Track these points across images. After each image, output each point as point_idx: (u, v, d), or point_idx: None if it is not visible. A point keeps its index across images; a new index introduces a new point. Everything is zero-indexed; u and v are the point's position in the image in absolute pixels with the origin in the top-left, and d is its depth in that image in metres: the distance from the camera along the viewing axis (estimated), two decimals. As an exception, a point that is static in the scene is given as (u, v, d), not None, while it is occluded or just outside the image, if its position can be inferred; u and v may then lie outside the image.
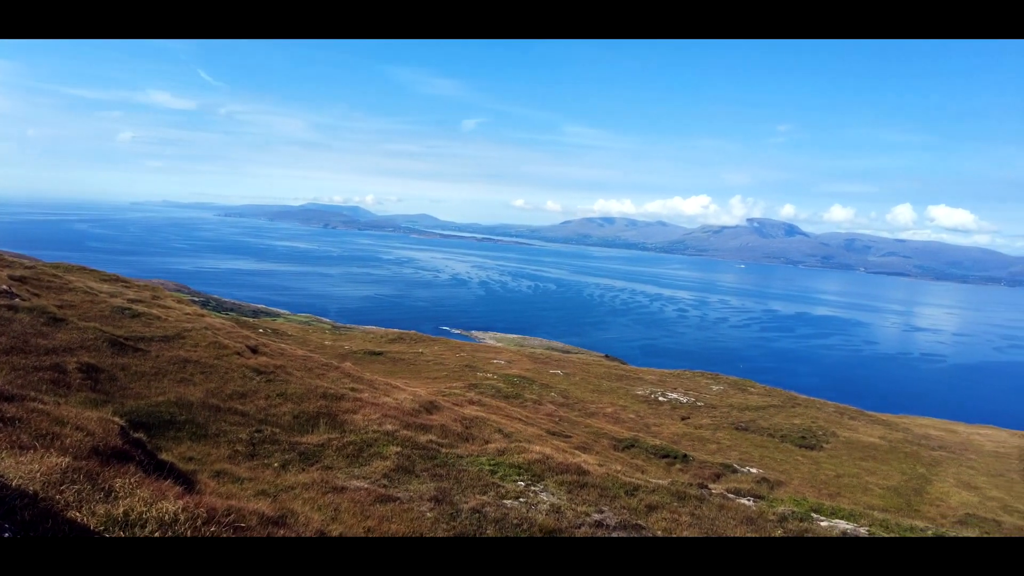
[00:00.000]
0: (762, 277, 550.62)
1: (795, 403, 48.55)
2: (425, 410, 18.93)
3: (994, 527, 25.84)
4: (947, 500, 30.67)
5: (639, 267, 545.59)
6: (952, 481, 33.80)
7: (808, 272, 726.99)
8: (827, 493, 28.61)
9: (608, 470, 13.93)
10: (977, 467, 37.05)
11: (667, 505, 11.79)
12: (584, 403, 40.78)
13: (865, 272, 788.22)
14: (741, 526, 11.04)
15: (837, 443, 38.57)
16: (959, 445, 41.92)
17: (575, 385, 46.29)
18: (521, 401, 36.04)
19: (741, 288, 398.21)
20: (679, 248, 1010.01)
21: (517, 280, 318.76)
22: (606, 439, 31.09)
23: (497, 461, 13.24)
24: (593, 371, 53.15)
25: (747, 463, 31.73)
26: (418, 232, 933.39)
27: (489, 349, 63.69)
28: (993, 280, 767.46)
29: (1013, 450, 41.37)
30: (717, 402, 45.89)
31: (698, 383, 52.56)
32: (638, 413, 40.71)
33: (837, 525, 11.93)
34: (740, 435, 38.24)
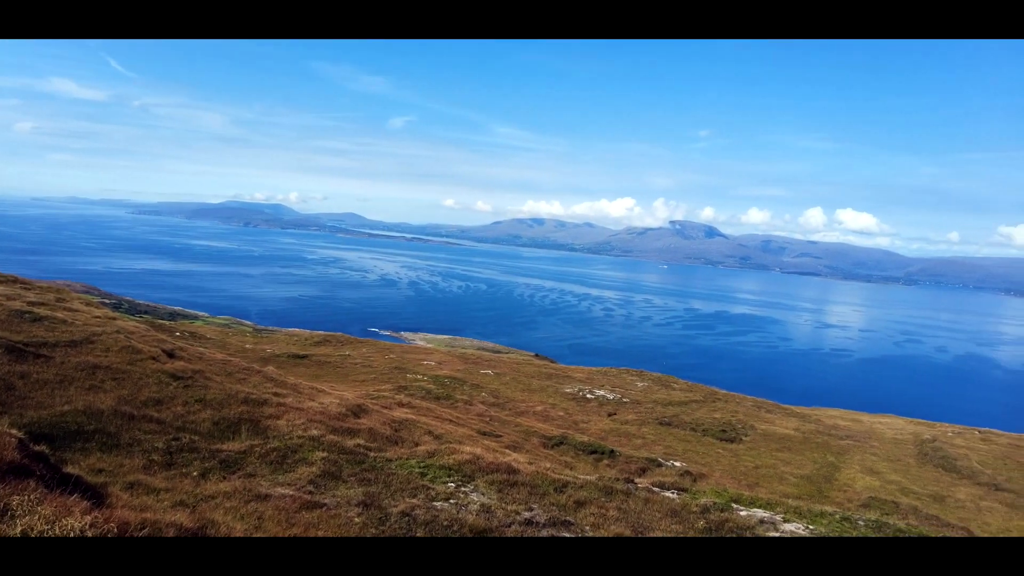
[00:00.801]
0: (684, 277, 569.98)
1: (716, 398, 50.53)
2: (352, 414, 18.57)
3: (893, 508, 27.72)
4: (853, 485, 32.67)
5: (568, 267, 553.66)
6: (857, 468, 36.03)
7: (727, 272, 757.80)
8: (746, 484, 29.93)
9: (538, 468, 14.08)
10: (879, 454, 39.66)
11: (595, 500, 12.03)
12: (514, 402, 41.05)
13: (780, 272, 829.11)
14: (666, 519, 11.39)
15: (755, 436, 40.40)
16: (864, 434, 44.72)
17: (506, 385, 46.52)
18: (452, 402, 35.91)
19: (664, 288, 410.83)
20: (606, 249, 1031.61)
21: (448, 280, 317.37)
22: (536, 437, 31.40)
23: (427, 463, 13.16)
24: (523, 370, 53.57)
25: (671, 457, 32.77)
26: (345, 231, 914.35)
27: (419, 350, 63.14)
28: (893, 279, 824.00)
29: (909, 436, 44.50)
30: (642, 398, 47.17)
31: (624, 380, 53.86)
32: (567, 411, 41.33)
33: (755, 514, 12.49)
34: (664, 430, 39.45)
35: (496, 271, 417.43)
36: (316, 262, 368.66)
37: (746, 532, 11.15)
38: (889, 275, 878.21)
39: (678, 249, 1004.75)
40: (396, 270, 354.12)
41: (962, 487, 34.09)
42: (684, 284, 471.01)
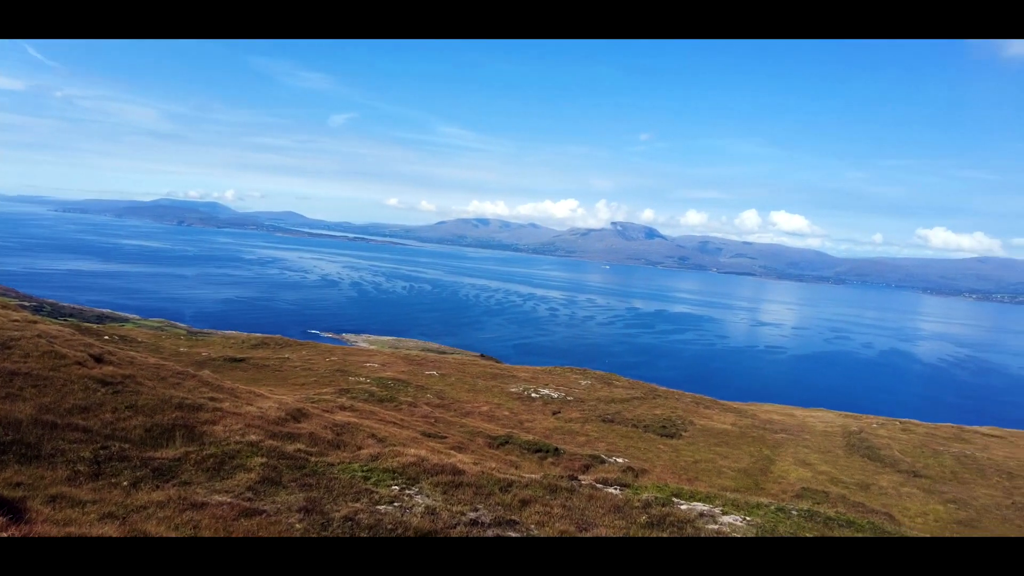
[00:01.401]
0: (625, 277, 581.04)
1: (656, 395, 51.71)
2: (292, 418, 18.15)
3: (823, 497, 29.01)
4: (787, 477, 34.01)
5: (513, 267, 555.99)
6: (791, 460, 37.52)
7: (667, 272, 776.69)
8: (686, 478, 30.76)
9: (483, 468, 14.10)
10: (811, 446, 41.40)
11: (540, 499, 12.13)
12: (460, 403, 40.94)
13: (717, 272, 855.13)
14: (609, 514, 11.60)
15: (694, 431, 41.55)
16: (796, 427, 46.58)
17: (451, 386, 46.35)
18: (396, 404, 35.54)
19: (607, 288, 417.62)
20: (550, 249, 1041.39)
21: (391, 281, 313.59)
22: (481, 437, 31.41)
23: (370, 467, 12.99)
24: (469, 371, 53.48)
25: (614, 453, 33.35)
26: (284, 231, 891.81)
27: (362, 352, 62.16)
28: (823, 279, 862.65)
29: (838, 429, 46.62)
30: (586, 396, 47.81)
31: (568, 379, 54.47)
32: (512, 410, 41.50)
33: (695, 508, 12.85)
34: (607, 427, 40.11)
35: (441, 271, 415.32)
36: (254, 262, 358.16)
37: (687, 525, 11.47)
38: (820, 275, 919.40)
39: (620, 250, 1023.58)
40: (338, 270, 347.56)
41: (885, 475, 35.94)
42: (626, 284, 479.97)
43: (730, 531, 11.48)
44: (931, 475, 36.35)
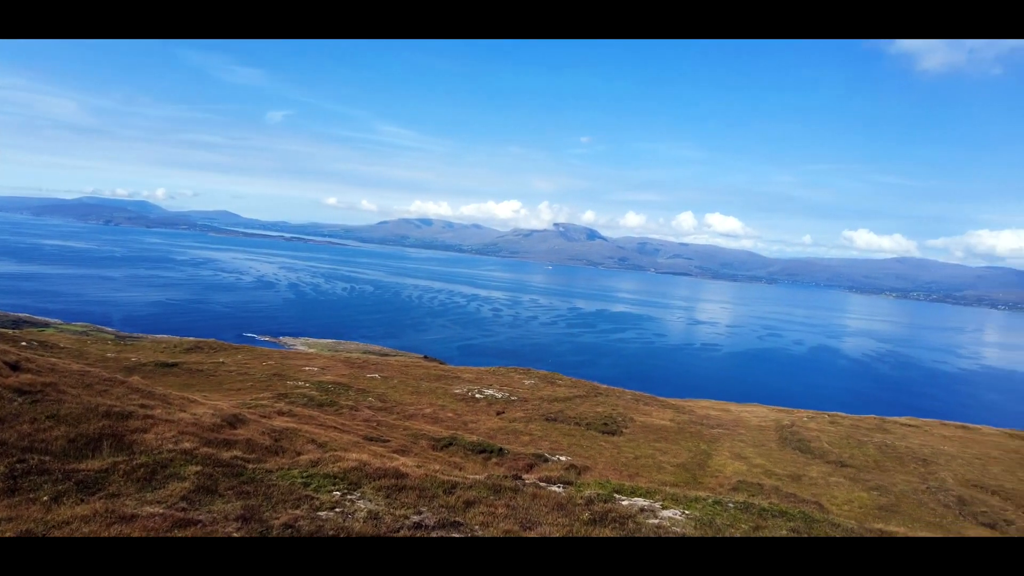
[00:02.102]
0: (568, 277, 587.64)
1: (598, 393, 52.51)
2: (228, 424, 17.59)
3: (758, 489, 30.11)
4: (724, 471, 35.10)
5: (456, 268, 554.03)
6: (727, 454, 38.76)
7: (607, 273, 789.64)
8: (627, 474, 31.35)
9: (427, 471, 14.00)
10: (746, 440, 42.87)
11: (484, 499, 12.15)
12: (403, 406, 40.52)
13: (655, 272, 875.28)
14: (553, 512, 11.71)
15: (635, 427, 42.39)
16: (732, 422, 48.15)
17: (393, 388, 45.81)
18: (336, 408, 34.87)
19: (550, 288, 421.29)
20: (493, 250, 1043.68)
21: (331, 282, 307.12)
22: (425, 440, 31.18)
23: (310, 472, 12.72)
24: (412, 373, 52.99)
25: (557, 451, 33.69)
26: (217, 230, 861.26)
27: (300, 356, 60.67)
28: (756, 279, 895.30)
29: (771, 423, 48.44)
30: (529, 396, 48.12)
31: (512, 379, 54.69)
32: (456, 411, 41.36)
33: (636, 503, 13.12)
34: (550, 425, 40.48)
35: (383, 272, 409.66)
36: (186, 263, 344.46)
37: (628, 521, 11.70)
38: (753, 274, 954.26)
39: (562, 250, 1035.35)
40: (275, 271, 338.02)
41: (815, 466, 37.58)
42: (568, 284, 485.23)
43: (670, 525, 11.78)
44: (856, 464, 38.22)
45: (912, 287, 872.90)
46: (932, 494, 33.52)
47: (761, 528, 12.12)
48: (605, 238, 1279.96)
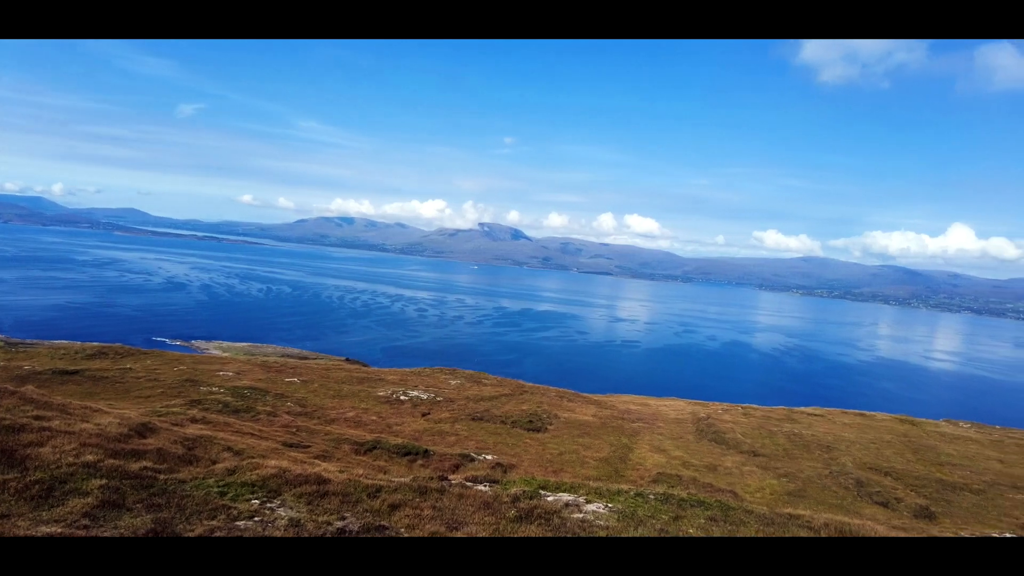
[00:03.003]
0: (493, 277, 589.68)
1: (524, 391, 52.97)
2: (137, 434, 16.61)
3: (677, 480, 31.18)
4: (644, 464, 36.16)
5: (380, 268, 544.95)
6: (647, 447, 39.96)
7: (532, 272, 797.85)
8: (552, 470, 31.79)
9: (350, 475, 13.72)
10: (665, 433, 44.34)
11: (410, 502, 12.02)
12: (324, 410, 39.49)
13: (578, 272, 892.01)
14: (479, 512, 11.73)
15: (559, 424, 43.03)
16: (652, 416, 49.68)
17: (314, 392, 44.57)
18: (253, 414, 33.59)
19: (475, 287, 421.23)
20: (418, 250, 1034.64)
21: (247, 283, 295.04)
22: (348, 444, 30.51)
23: (227, 481, 12.21)
24: (333, 376, 51.71)
25: (483, 451, 33.75)
26: (124, 228, 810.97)
27: (214, 360, 58.04)
28: (672, 277, 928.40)
29: (688, 416, 50.32)
30: (455, 396, 47.96)
31: (438, 379, 54.34)
32: (380, 414, 40.70)
33: (561, 498, 13.33)
34: (476, 425, 40.50)
35: (302, 272, 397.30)
36: (89, 263, 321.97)
37: (553, 516, 11.87)
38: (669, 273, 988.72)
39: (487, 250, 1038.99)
40: (186, 272, 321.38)
41: (729, 456, 39.33)
42: (493, 284, 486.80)
43: (594, 519, 12.04)
44: (767, 453, 40.27)
45: (816, 285, 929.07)
46: (834, 478, 35.75)
47: (681, 518, 12.58)
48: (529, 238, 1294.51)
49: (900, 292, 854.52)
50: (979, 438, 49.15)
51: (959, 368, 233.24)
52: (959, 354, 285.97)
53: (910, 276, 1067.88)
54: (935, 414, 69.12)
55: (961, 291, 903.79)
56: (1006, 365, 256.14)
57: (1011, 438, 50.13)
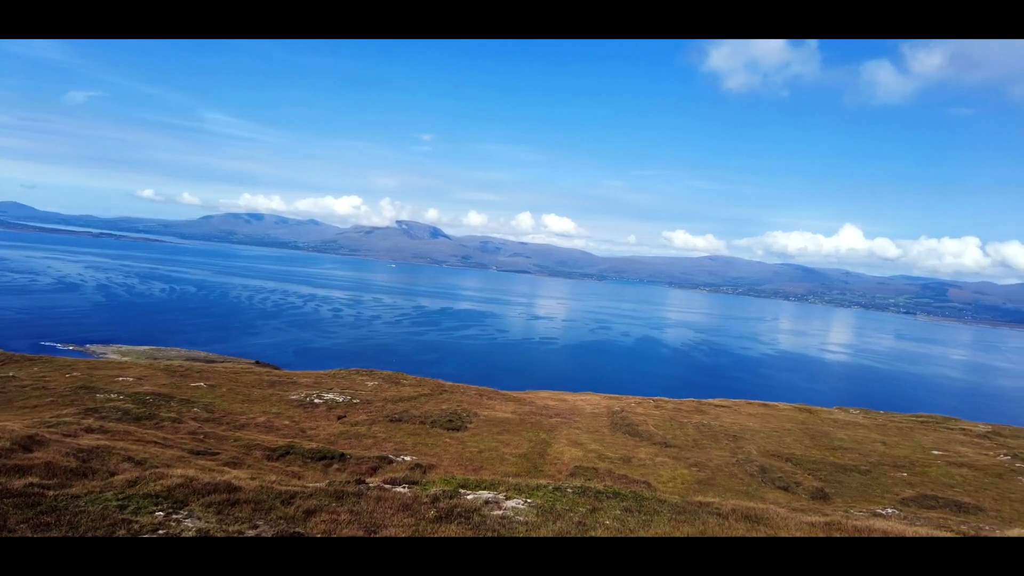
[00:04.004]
0: (411, 276, 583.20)
1: (443, 390, 52.72)
2: (21, 447, 15.36)
3: (593, 473, 31.96)
4: (562, 458, 36.82)
5: (292, 267, 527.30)
6: (565, 442, 40.70)
7: (451, 271, 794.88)
8: (472, 468, 31.83)
9: (262, 482, 13.23)
10: (581, 427, 45.30)
11: (326, 507, 11.73)
12: (233, 415, 37.83)
13: (497, 271, 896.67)
14: (398, 514, 11.60)
15: (479, 422, 43.12)
16: (569, 411, 50.63)
17: (222, 397, 42.61)
18: (156, 422, 31.74)
19: (393, 287, 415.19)
20: (332, 247, 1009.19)
21: (147, 283, 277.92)
22: (259, 450, 29.38)
23: (127, 494, 11.48)
24: (242, 379, 49.61)
25: (402, 452, 33.35)
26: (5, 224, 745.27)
27: (112, 365, 54.36)
28: (588, 276, 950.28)
29: (604, 410, 51.63)
30: (373, 397, 47.12)
31: (354, 381, 53.20)
32: (293, 418, 39.42)
33: (481, 496, 13.37)
34: (395, 426, 39.96)
35: (208, 271, 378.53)
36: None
37: (473, 514, 11.90)
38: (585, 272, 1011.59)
39: (405, 248, 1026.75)
40: (79, 271, 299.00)
41: (643, 448, 40.66)
42: (412, 282, 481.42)
43: (513, 515, 12.16)
44: (678, 444, 41.93)
45: (722, 282, 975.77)
46: (740, 466, 37.67)
47: (597, 510, 12.90)
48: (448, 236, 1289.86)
49: (799, 289, 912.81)
50: (866, 423, 53.13)
51: (850, 359, 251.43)
52: (850, 346, 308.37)
53: (807, 274, 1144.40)
54: (829, 402, 74.11)
55: (852, 288, 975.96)
56: (889, 355, 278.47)
57: (892, 422, 54.49)
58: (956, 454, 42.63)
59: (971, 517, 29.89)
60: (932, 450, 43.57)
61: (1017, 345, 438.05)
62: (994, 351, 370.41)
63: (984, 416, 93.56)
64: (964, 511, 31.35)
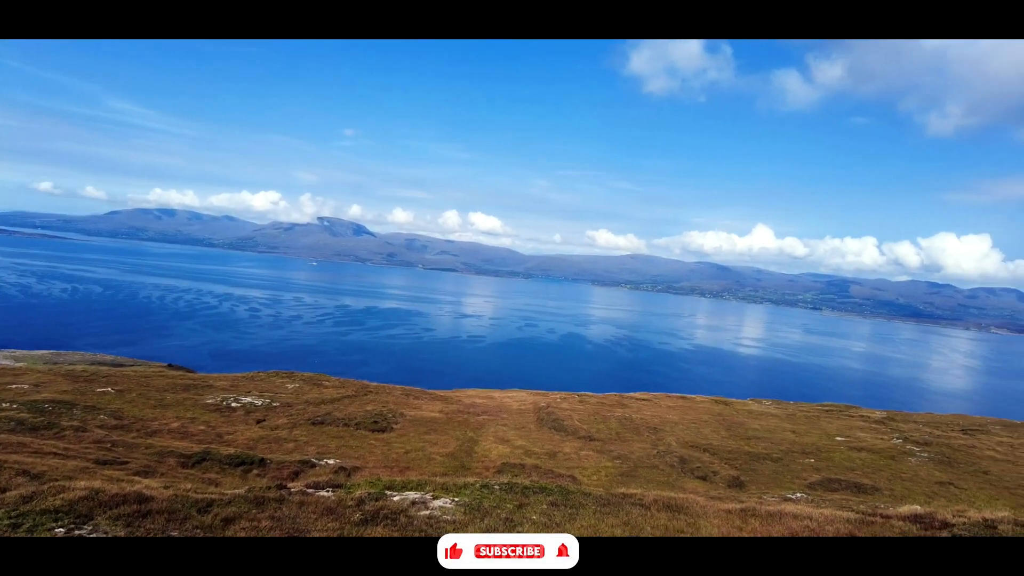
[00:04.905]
0: (334, 274, 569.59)
1: (368, 391, 51.83)
2: (-101, 463, 14.04)
3: (520, 469, 32.26)
4: (489, 455, 36.95)
5: (207, 265, 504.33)
6: (492, 439, 40.87)
7: (375, 269, 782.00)
8: (398, 469, 31.45)
9: (176, 491, 12.63)
10: (508, 424, 45.62)
11: (246, 514, 11.34)
12: (144, 421, 35.84)
13: (423, 269, 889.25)
14: (322, 518, 11.35)
15: (405, 422, 42.66)
16: (496, 408, 50.87)
17: (131, 403, 40.28)
18: (57, 431, 29.68)
19: (315, 285, 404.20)
20: (250, 245, 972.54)
21: (47, 282, 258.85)
22: (173, 457, 28.00)
23: (22, 511, 10.70)
24: (154, 384, 47.06)
25: (325, 455, 32.58)
26: None
27: (5, 372, 50.31)
28: (515, 274, 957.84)
29: (530, 406, 52.20)
30: (294, 400, 45.77)
31: (274, 383, 51.51)
32: (209, 423, 37.76)
33: (408, 497, 13.27)
34: (317, 429, 38.97)
35: (116, 270, 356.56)
36: None
37: (400, 515, 11.80)
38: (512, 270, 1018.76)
39: (327, 246, 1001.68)
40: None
41: (568, 442, 41.37)
42: (335, 281, 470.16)
43: (441, 514, 12.14)
44: (602, 438, 42.92)
45: (643, 280, 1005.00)
46: (661, 457, 38.96)
47: (524, 505, 13.06)
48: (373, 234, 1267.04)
49: (714, 286, 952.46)
50: (778, 413, 56.09)
51: (762, 352, 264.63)
52: (762, 340, 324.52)
53: (722, 272, 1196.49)
54: (744, 394, 77.84)
55: (763, 285, 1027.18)
56: (798, 348, 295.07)
57: (801, 411, 57.77)
58: (856, 439, 45.64)
59: (869, 497, 32.08)
60: (836, 436, 46.47)
61: (908, 337, 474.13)
62: (888, 343, 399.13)
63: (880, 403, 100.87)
64: (863, 491, 33.63)
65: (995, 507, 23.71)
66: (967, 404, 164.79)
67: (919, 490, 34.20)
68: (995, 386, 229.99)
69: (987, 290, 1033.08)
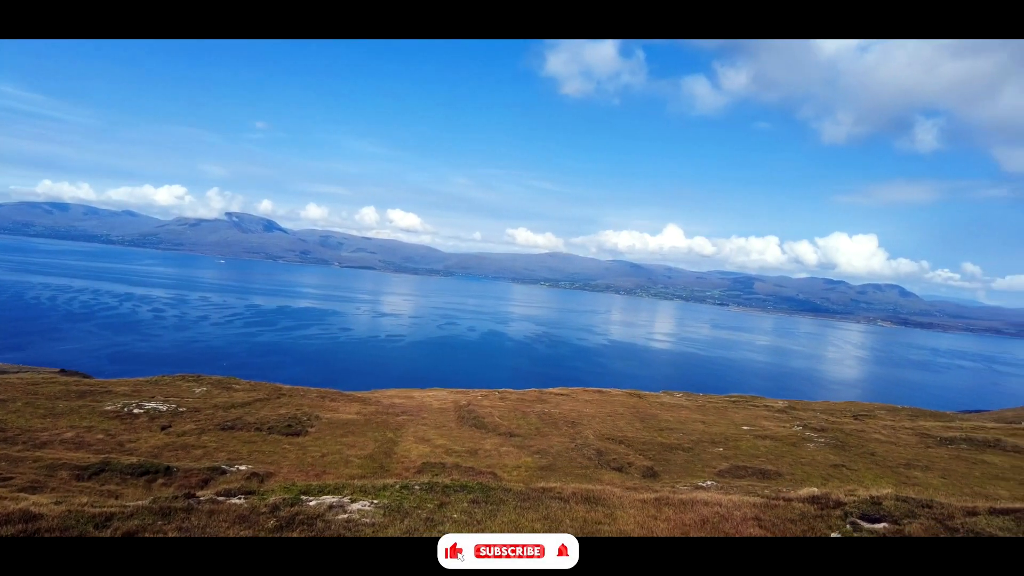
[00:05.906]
0: (243, 272, 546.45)
1: (280, 394, 50.11)
2: None
3: (441, 468, 32.14)
4: (409, 455, 36.58)
5: (104, 263, 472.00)
6: (412, 439, 40.47)
7: (288, 267, 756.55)
8: (314, 474, 30.62)
9: (69, 506, 11.80)
10: (429, 423, 45.31)
11: (150, 526, 10.75)
12: (32, 432, 33.20)
13: (339, 266, 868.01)
14: (235, 526, 10.94)
15: (321, 425, 41.55)
16: (416, 408, 50.40)
17: (16, 413, 37.19)
18: (-72, 445, 27.03)
19: (222, 284, 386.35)
20: (152, 241, 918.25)
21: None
22: (66, 470, 26.08)
23: None
24: (44, 391, 43.62)
25: (236, 461, 31.31)
26: None
27: None
28: (435, 271, 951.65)
29: (451, 404, 52.06)
30: (201, 404, 43.64)
31: (179, 387, 48.90)
32: (109, 431, 35.42)
33: (325, 501, 12.97)
34: (227, 434, 37.35)
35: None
36: None
37: (317, 520, 11.53)
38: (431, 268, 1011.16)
39: (236, 243, 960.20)
40: None
41: (489, 439, 41.57)
42: (244, 280, 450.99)
43: (360, 517, 11.95)
44: (522, 433, 43.39)
45: (560, 278, 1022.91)
46: (579, 450, 39.82)
47: (445, 504, 13.06)
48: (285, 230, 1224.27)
49: (628, 283, 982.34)
50: (688, 404, 58.51)
51: (673, 347, 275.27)
52: (673, 335, 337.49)
53: (636, 269, 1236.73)
54: (657, 387, 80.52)
55: (674, 282, 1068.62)
56: (706, 342, 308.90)
57: (711, 403, 60.53)
58: (761, 428, 48.29)
59: (773, 482, 34.05)
60: (743, 426, 48.98)
61: (807, 331, 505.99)
62: (789, 336, 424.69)
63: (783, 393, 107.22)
64: (767, 477, 35.65)
65: (880, 485, 25.74)
66: (857, 391, 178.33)
67: (816, 473, 36.61)
68: (880, 374, 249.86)
69: (874, 286, 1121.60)
